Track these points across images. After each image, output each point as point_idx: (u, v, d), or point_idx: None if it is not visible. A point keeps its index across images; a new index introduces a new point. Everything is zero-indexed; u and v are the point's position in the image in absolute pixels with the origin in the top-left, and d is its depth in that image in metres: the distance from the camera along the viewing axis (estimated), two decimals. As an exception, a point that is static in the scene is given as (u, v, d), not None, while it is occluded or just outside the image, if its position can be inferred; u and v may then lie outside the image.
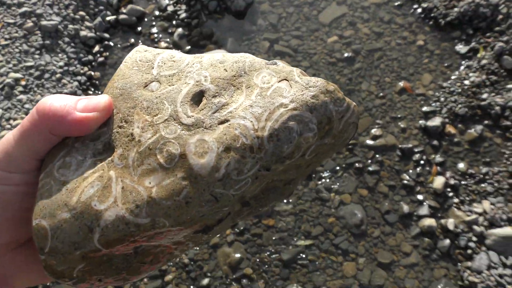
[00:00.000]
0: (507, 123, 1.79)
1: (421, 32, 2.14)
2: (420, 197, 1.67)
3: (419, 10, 2.21)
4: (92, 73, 2.13)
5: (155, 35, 2.23)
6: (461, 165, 1.73)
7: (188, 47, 2.16)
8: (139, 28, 2.27)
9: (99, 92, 2.05)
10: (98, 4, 2.33)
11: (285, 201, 1.68)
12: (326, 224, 1.63)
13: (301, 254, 1.58)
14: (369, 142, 1.80)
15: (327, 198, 1.68)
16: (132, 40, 2.24)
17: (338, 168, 1.75)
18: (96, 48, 2.20)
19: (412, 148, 1.78)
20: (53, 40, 2.14)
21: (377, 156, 1.77)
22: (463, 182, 1.70)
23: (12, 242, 0.37)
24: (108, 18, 2.29)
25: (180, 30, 2.21)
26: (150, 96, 0.38)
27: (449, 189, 1.68)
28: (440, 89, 1.95)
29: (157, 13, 2.31)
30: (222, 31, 2.22)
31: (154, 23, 2.28)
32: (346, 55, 2.06)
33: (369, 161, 1.76)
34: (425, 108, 1.88)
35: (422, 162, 1.75)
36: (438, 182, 1.68)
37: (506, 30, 2.01)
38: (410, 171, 1.73)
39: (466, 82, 1.93)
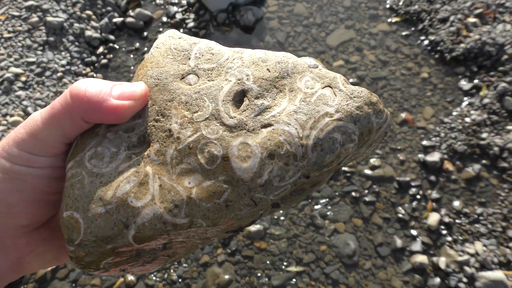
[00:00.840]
0: (504, 164, 1.80)
1: (426, 64, 2.15)
2: (414, 232, 1.67)
3: (426, 42, 2.23)
4: (94, 74, 2.10)
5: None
6: (456, 203, 1.74)
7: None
8: (145, 33, 2.25)
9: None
10: (106, 4, 2.31)
11: (278, 224, 1.67)
12: (318, 252, 1.62)
13: (291, 281, 1.56)
14: (367, 171, 1.80)
15: (321, 225, 1.67)
16: (137, 44, 2.22)
17: (334, 195, 1.74)
18: (100, 49, 2.18)
19: (409, 181, 1.78)
20: (57, 37, 2.11)
21: (374, 186, 1.77)
22: (457, 221, 1.70)
23: (30, 224, 0.36)
24: (115, 20, 2.26)
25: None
26: (188, 91, 0.37)
27: (443, 227, 1.68)
28: (441, 124, 1.96)
29: (164, 19, 2.30)
30: (228, 44, 2.21)
31: (161, 29, 2.26)
32: (351, 80, 2.06)
33: (366, 191, 1.76)
34: (425, 142, 1.89)
35: (418, 196, 1.75)
36: (433, 218, 1.69)
37: (510, 70, 2.02)
38: (406, 204, 1.73)
39: (467, 119, 1.94)
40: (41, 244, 0.38)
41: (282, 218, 1.68)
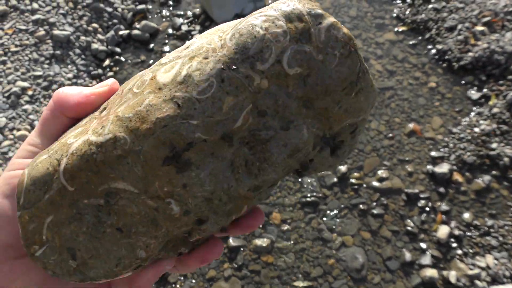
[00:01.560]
0: (515, 175, 1.77)
1: (433, 73, 2.13)
2: (423, 245, 1.64)
3: (433, 51, 2.21)
4: (100, 87, 2.11)
5: (167, 54, 2.22)
6: (466, 215, 1.71)
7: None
8: (151, 45, 2.26)
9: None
10: (112, 17, 2.32)
11: (284, 237, 1.65)
12: (326, 266, 1.60)
13: (298, 296, 1.54)
14: (375, 183, 1.78)
15: (329, 239, 1.65)
16: (143, 57, 2.23)
17: (342, 208, 1.72)
18: (107, 62, 2.19)
19: (418, 193, 1.76)
20: (64, 50, 2.12)
21: (382, 198, 1.75)
22: (467, 233, 1.67)
23: (11, 246, 0.35)
24: (121, 32, 2.27)
25: (192, 51, 2.19)
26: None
27: (453, 240, 1.66)
28: (450, 134, 1.93)
29: (170, 31, 2.30)
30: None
31: (166, 41, 2.27)
32: (357, 91, 2.05)
33: (374, 203, 1.73)
34: (433, 153, 1.87)
35: (427, 209, 1.72)
36: (442, 231, 1.66)
37: (519, 79, 2.00)
38: (415, 217, 1.70)
39: (476, 129, 1.92)
40: (25, 274, 0.36)
41: (289, 231, 1.66)
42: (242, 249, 1.61)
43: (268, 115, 0.33)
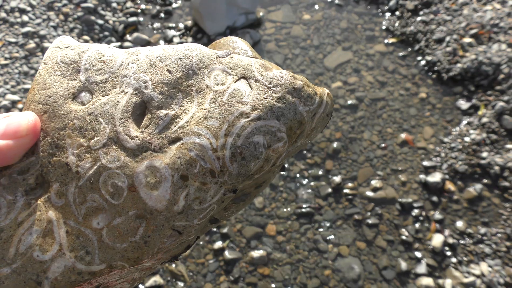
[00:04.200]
0: (505, 183, 1.80)
1: (423, 84, 2.16)
2: (418, 254, 1.65)
3: (423, 63, 2.24)
4: (92, 99, 2.10)
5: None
6: (459, 224, 1.72)
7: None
8: (143, 57, 2.25)
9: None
10: (104, 29, 2.31)
11: (280, 248, 1.64)
12: (322, 277, 1.59)
13: (296, 307, 1.54)
14: (369, 193, 1.79)
15: (325, 249, 1.65)
16: (135, 69, 2.22)
17: (337, 218, 1.72)
18: (98, 74, 2.17)
19: (412, 203, 1.77)
20: (55, 63, 2.10)
21: (377, 208, 1.75)
22: (461, 242, 1.68)
23: None
24: (112, 45, 2.26)
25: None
26: (81, 113, 0.32)
27: (447, 248, 1.67)
28: (441, 144, 1.96)
29: (162, 43, 2.30)
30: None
31: (158, 53, 2.27)
32: (349, 102, 2.07)
33: (369, 213, 1.74)
34: (425, 163, 1.89)
35: (421, 218, 1.74)
36: (437, 240, 1.67)
37: (507, 90, 2.04)
38: (409, 226, 1.71)
39: (467, 139, 1.95)
40: None
41: (285, 242, 1.66)
42: (238, 262, 1.60)
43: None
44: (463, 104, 2.08)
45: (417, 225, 1.72)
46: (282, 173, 1.77)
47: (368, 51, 2.29)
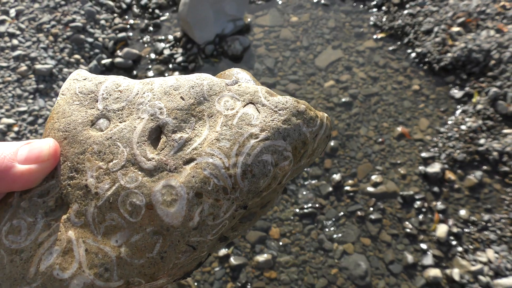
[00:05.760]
0: (505, 168, 1.80)
1: (416, 76, 2.17)
2: (423, 246, 1.65)
3: (413, 55, 2.25)
4: (87, 117, 2.10)
5: (151, 79, 2.22)
6: (462, 212, 1.72)
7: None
8: (135, 72, 2.26)
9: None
10: (94, 47, 2.32)
11: (285, 251, 1.64)
12: (329, 276, 1.59)
13: (305, 309, 1.53)
14: (370, 189, 1.79)
15: (330, 248, 1.65)
16: (128, 83, 2.23)
17: (339, 216, 1.72)
18: (91, 92, 2.18)
19: (413, 195, 1.77)
20: (47, 84, 2.11)
21: (379, 203, 1.75)
22: (465, 230, 1.68)
23: None
24: (103, 62, 2.27)
25: (176, 74, 2.20)
26: (100, 138, 0.34)
27: (452, 237, 1.66)
28: (438, 134, 1.96)
29: (153, 56, 2.31)
30: (218, 74, 2.22)
31: (150, 66, 2.28)
32: (343, 99, 2.07)
33: (371, 208, 1.74)
34: (423, 154, 1.89)
35: (423, 209, 1.73)
36: (441, 230, 1.67)
37: (499, 75, 2.04)
38: (412, 219, 1.71)
39: (463, 127, 1.95)
40: None
41: (289, 244, 1.65)
42: (244, 267, 1.60)
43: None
44: (457, 93, 2.09)
45: (420, 217, 1.72)
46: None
47: (358, 48, 2.29)
